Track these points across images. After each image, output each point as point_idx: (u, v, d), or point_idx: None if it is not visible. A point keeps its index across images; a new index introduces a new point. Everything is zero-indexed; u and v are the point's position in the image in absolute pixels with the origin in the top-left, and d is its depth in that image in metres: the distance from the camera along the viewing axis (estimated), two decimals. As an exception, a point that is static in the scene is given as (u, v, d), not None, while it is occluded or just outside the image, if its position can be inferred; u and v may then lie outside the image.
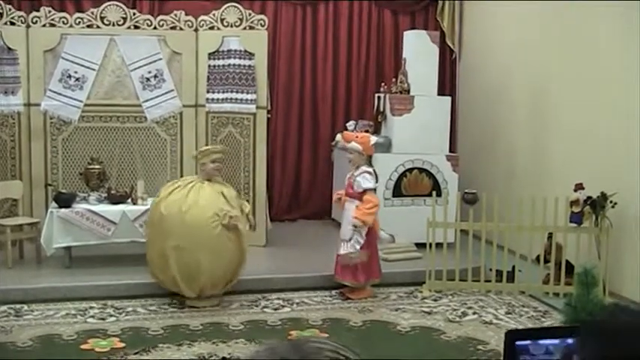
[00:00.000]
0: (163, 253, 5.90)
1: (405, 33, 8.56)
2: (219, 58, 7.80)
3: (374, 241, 6.50)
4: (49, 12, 7.55)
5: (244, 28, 7.80)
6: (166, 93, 7.70)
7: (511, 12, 8.40)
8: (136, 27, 7.69)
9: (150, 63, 7.66)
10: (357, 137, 6.62)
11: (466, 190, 6.94)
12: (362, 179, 6.33)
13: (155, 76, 7.68)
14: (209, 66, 7.80)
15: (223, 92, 7.78)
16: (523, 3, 8.07)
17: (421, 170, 7.90)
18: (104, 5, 7.68)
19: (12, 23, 7.44)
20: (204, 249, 5.82)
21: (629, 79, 6.34)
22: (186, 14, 7.85)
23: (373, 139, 6.65)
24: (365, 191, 6.31)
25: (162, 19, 7.77)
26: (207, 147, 6.47)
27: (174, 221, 5.85)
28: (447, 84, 9.44)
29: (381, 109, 8.15)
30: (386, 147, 7.86)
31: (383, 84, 8.45)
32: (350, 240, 6.38)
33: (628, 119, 6.36)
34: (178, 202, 5.92)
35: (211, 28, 7.84)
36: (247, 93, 7.70)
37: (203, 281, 5.93)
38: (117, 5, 7.70)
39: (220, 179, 6.33)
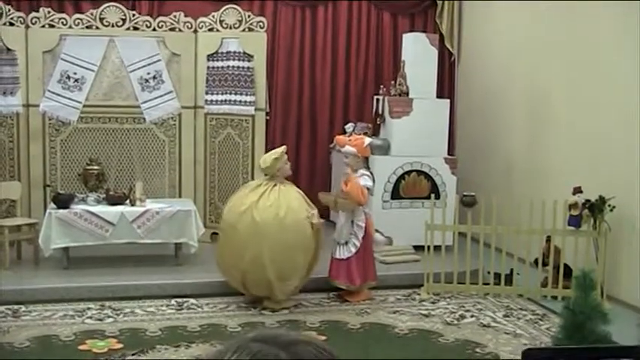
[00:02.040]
0: (259, 258, 5.90)
1: (404, 35, 8.57)
2: (218, 60, 7.81)
3: (369, 243, 6.49)
4: (49, 13, 7.56)
5: (243, 30, 7.81)
6: (165, 94, 7.71)
7: (510, 15, 8.42)
8: (135, 28, 7.70)
9: (149, 64, 7.66)
10: (350, 140, 6.62)
11: (464, 193, 6.94)
12: (361, 179, 6.32)
13: (154, 78, 7.68)
14: (208, 67, 7.81)
15: (222, 94, 7.79)
16: (522, 6, 8.08)
17: (419, 173, 7.90)
18: (103, 6, 7.68)
19: (11, 24, 7.44)
20: (300, 249, 6.01)
21: (629, 83, 6.35)
22: (186, 16, 7.86)
23: (367, 140, 6.62)
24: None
25: (161, 21, 7.78)
26: (275, 152, 6.31)
27: (273, 226, 5.91)
28: (445, 87, 9.44)
29: (380, 112, 8.15)
30: (384, 149, 7.86)
31: (382, 86, 8.45)
32: (346, 244, 6.38)
33: (627, 123, 6.37)
34: (272, 207, 5.97)
35: (210, 29, 7.85)
36: (246, 95, 7.71)
37: (297, 280, 6.10)
38: (116, 6, 7.71)
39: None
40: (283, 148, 6.40)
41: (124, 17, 7.67)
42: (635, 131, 6.24)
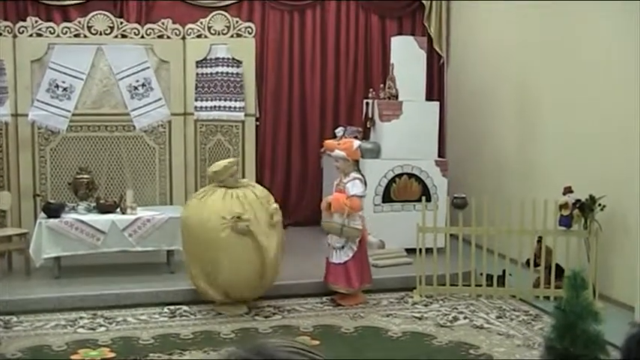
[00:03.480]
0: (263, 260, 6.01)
1: (392, 38, 8.58)
2: (207, 66, 7.80)
3: (364, 246, 6.50)
4: (36, 22, 7.54)
5: (232, 36, 7.81)
6: (154, 102, 7.69)
7: (498, 16, 8.44)
8: (124, 36, 7.68)
9: (137, 72, 7.65)
10: (339, 144, 6.63)
11: (455, 195, 6.94)
12: (351, 185, 6.33)
13: (143, 85, 7.67)
14: (197, 74, 7.80)
15: (211, 100, 7.78)
16: (510, 7, 8.10)
17: (410, 175, 7.91)
18: (91, 14, 7.67)
19: (-2, 33, 7.42)
20: (220, 252, 5.90)
21: (619, 82, 6.38)
22: (174, 22, 7.85)
23: (356, 143, 6.63)
24: (352, 196, 6.33)
25: (149, 28, 7.77)
26: (222, 164, 6.26)
27: (197, 228, 5.95)
28: (435, 89, 9.46)
29: (370, 115, 8.16)
30: (375, 153, 7.87)
31: (371, 90, 8.46)
32: (343, 248, 6.38)
33: (617, 121, 6.39)
34: (198, 209, 6.00)
35: (199, 36, 7.84)
36: (235, 101, 7.71)
37: (222, 284, 5.99)
38: (104, 14, 7.69)
39: (245, 182, 6.38)
40: (234, 160, 6.45)
41: (111, 25, 7.65)
42: (624, 130, 6.26)
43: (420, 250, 6.60)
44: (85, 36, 7.59)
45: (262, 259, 5.97)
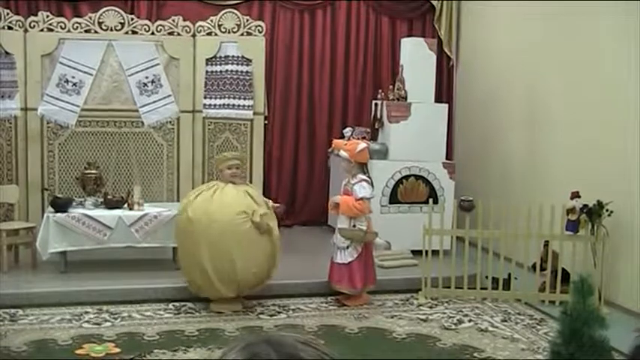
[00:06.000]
0: (197, 257, 5.92)
1: (402, 40, 8.58)
2: (216, 64, 7.81)
3: (369, 247, 6.50)
4: (47, 16, 7.56)
5: (242, 34, 7.81)
6: (163, 98, 7.70)
7: (509, 19, 8.43)
8: (134, 32, 7.70)
9: (147, 68, 7.66)
10: (345, 145, 6.63)
11: (462, 198, 6.94)
12: (359, 187, 6.32)
13: (152, 82, 7.67)
14: (206, 72, 7.81)
15: (220, 98, 7.79)
16: (520, 10, 8.09)
17: (418, 177, 7.91)
18: (102, 10, 7.69)
19: (10, 27, 7.44)
20: (236, 247, 5.88)
21: (628, 87, 6.36)
22: (184, 20, 7.86)
23: (361, 145, 6.60)
24: (360, 199, 6.33)
25: (160, 25, 7.77)
26: (224, 154, 6.48)
27: (204, 223, 5.89)
28: (444, 91, 9.45)
29: (378, 116, 8.15)
30: (383, 154, 7.87)
31: (380, 91, 8.46)
32: (348, 248, 6.38)
33: (625, 127, 6.38)
34: (204, 203, 5.98)
35: (209, 33, 7.85)
36: (244, 99, 7.71)
37: (239, 280, 5.97)
38: (115, 10, 7.71)
39: (241, 181, 6.34)
40: (237, 154, 6.37)
41: (122, 21, 7.67)
42: (633, 135, 6.25)
43: (426, 252, 6.59)
44: (96, 32, 7.61)
45: (274, 256, 6.09)
